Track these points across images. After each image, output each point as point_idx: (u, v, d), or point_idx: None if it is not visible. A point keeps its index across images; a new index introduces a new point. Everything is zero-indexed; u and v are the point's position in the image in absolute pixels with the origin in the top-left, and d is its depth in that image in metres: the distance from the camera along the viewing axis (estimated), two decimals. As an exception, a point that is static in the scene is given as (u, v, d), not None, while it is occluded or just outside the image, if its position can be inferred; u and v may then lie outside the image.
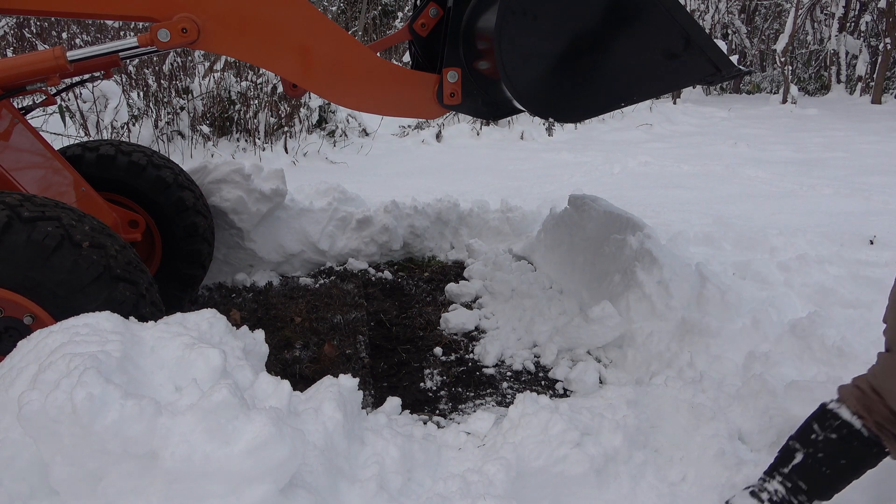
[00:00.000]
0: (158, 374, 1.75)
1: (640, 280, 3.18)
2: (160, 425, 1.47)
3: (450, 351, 3.26)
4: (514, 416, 2.24)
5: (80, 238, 2.09)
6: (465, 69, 2.73)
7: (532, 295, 3.66)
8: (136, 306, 2.16)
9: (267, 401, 1.79)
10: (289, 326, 3.41)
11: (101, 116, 6.85)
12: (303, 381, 2.80)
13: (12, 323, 2.07)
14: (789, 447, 1.86)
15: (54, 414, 1.46)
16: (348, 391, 2.08)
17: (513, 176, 7.01)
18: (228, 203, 3.77)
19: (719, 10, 14.80)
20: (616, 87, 2.54)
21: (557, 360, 3.12)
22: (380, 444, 2.01)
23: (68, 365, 1.56)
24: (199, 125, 7.41)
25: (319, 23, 2.56)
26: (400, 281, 4.11)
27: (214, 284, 3.93)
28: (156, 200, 3.23)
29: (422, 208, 4.51)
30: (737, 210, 5.54)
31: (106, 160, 3.18)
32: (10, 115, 2.74)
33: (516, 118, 9.54)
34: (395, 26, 13.65)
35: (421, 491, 1.97)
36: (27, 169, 2.72)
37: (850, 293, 3.57)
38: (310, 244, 4.14)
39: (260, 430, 1.49)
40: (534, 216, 4.78)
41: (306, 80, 2.62)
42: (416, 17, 3.06)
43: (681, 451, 2.25)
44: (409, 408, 2.73)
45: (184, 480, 1.46)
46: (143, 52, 2.64)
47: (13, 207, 2.06)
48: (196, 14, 2.38)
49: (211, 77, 7.64)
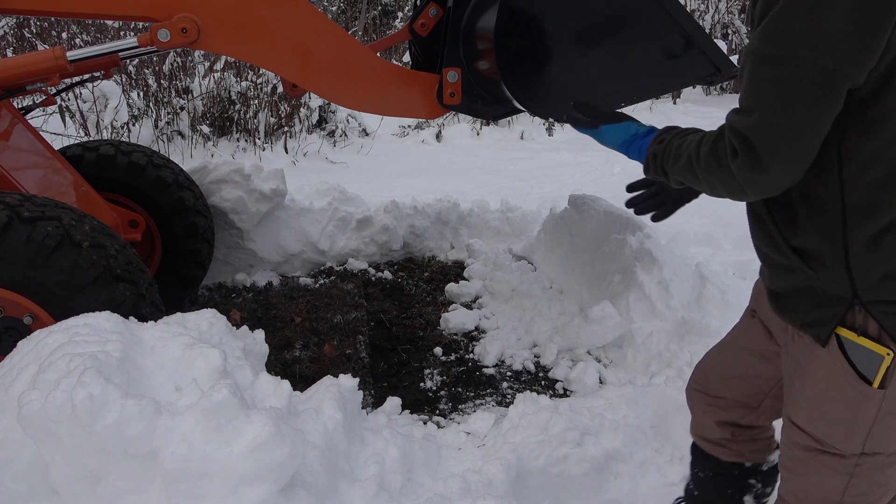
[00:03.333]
0: (158, 374, 1.75)
1: (640, 280, 3.18)
2: (160, 425, 1.47)
3: (450, 351, 3.26)
4: (514, 416, 2.24)
5: (80, 238, 2.09)
6: (465, 69, 2.73)
7: (532, 295, 3.66)
8: (136, 306, 2.16)
9: (267, 401, 1.79)
10: (289, 326, 3.41)
11: (101, 116, 6.84)
12: (303, 381, 2.80)
13: (12, 323, 2.07)
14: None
15: (54, 414, 1.46)
16: (348, 391, 2.08)
17: (513, 176, 7.01)
18: (228, 203, 3.77)
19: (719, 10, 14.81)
20: (616, 87, 2.54)
21: (557, 360, 3.12)
22: (380, 444, 2.01)
23: (68, 365, 1.56)
24: (199, 125, 7.41)
25: (319, 23, 2.56)
26: (400, 281, 4.11)
27: (214, 284, 3.93)
28: (156, 200, 3.23)
29: (422, 208, 4.51)
30: (737, 210, 5.51)
31: (106, 160, 3.18)
32: (10, 115, 2.74)
33: (516, 118, 9.53)
34: (395, 26, 13.65)
35: (421, 491, 1.97)
36: (27, 169, 2.73)
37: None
38: (310, 244, 4.14)
39: (260, 430, 1.49)
40: (534, 216, 4.78)
41: (306, 80, 2.62)
42: (416, 17, 3.06)
43: (681, 451, 2.25)
44: (409, 408, 2.73)
45: (184, 480, 1.46)
46: (143, 52, 2.64)
47: (13, 207, 2.06)
48: (196, 14, 2.38)
49: (211, 77, 7.64)
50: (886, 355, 1.16)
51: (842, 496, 1.31)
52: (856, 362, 1.20)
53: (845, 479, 1.29)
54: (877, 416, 1.21)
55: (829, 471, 1.30)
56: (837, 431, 1.27)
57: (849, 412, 1.24)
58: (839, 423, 1.26)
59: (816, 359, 1.27)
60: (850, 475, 1.28)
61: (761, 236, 1.31)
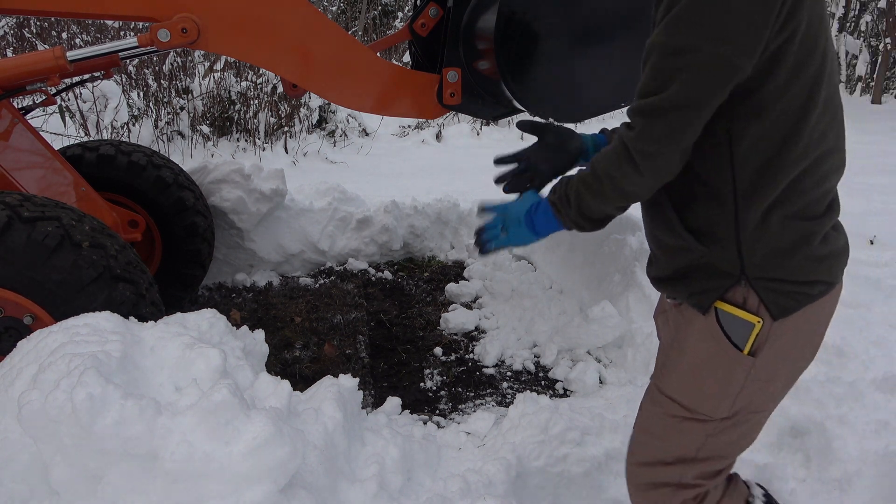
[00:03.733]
0: (158, 374, 1.75)
1: (639, 280, 3.18)
2: (160, 425, 1.47)
3: (450, 351, 3.26)
4: (514, 416, 2.24)
5: (80, 238, 2.09)
6: (465, 69, 2.73)
7: (532, 295, 3.66)
8: (136, 306, 2.16)
9: (267, 401, 1.79)
10: (289, 326, 3.41)
11: (101, 116, 6.84)
12: (303, 381, 2.80)
13: (12, 323, 2.07)
14: None
15: (54, 414, 1.46)
16: (348, 391, 2.08)
17: (513, 176, 7.00)
18: (228, 203, 3.77)
19: (719, 10, 14.88)
20: (616, 86, 2.54)
21: (557, 360, 3.12)
22: (380, 444, 2.01)
23: (68, 365, 1.56)
24: (199, 125, 7.41)
25: (319, 23, 2.56)
26: (400, 281, 4.11)
27: (214, 284, 3.93)
28: (156, 200, 3.23)
29: (422, 208, 4.51)
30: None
31: (106, 160, 3.18)
32: (10, 115, 2.74)
33: (516, 118, 9.54)
34: (395, 26, 13.65)
35: (421, 491, 1.97)
36: (27, 169, 2.73)
37: (850, 293, 3.56)
38: (310, 244, 4.14)
39: (260, 430, 1.49)
40: (534, 216, 4.78)
41: (306, 80, 2.62)
42: (416, 17, 3.06)
43: (681, 451, 2.25)
44: (409, 408, 2.73)
45: (184, 480, 1.46)
46: (143, 52, 2.64)
47: (13, 207, 2.06)
48: (196, 14, 2.38)
49: (211, 77, 7.64)
50: (757, 323, 1.28)
51: (696, 453, 1.43)
52: (728, 331, 1.31)
53: (703, 438, 1.41)
54: (745, 381, 1.33)
55: (692, 434, 1.42)
56: (709, 400, 1.37)
57: (720, 380, 1.34)
58: (711, 393, 1.37)
59: (694, 329, 1.37)
60: (708, 435, 1.41)
61: (658, 223, 1.40)
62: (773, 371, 1.34)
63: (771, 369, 1.34)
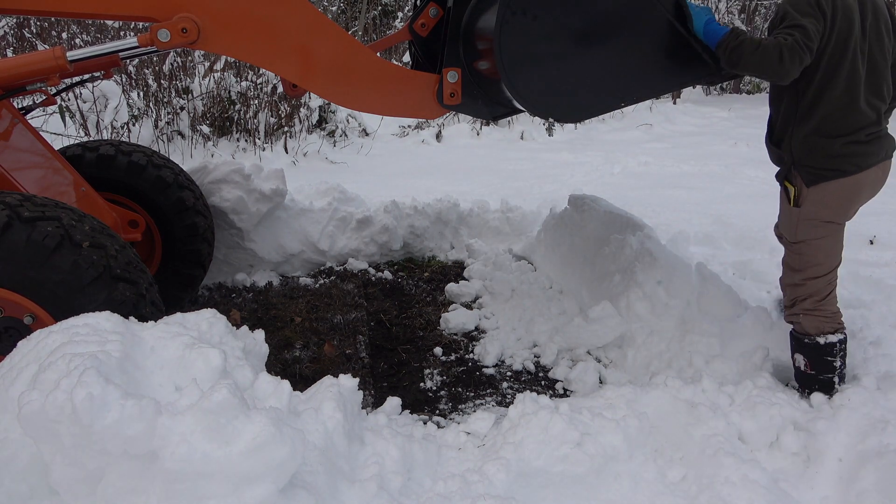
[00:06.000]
0: (158, 374, 1.75)
1: (639, 280, 3.18)
2: (160, 425, 1.47)
3: (450, 351, 3.26)
4: (514, 416, 2.24)
5: (80, 238, 2.09)
6: (465, 69, 2.73)
7: (532, 295, 3.66)
8: (136, 306, 2.16)
9: (267, 401, 1.79)
10: (289, 326, 3.41)
11: (101, 116, 6.84)
12: (303, 381, 2.80)
13: (12, 323, 2.07)
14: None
15: (54, 414, 1.46)
16: (348, 391, 2.09)
17: (513, 176, 7.01)
18: (228, 203, 3.77)
19: (719, 10, 14.82)
20: (616, 86, 2.54)
21: (557, 360, 3.12)
22: (380, 444, 2.01)
23: (68, 365, 1.56)
24: (199, 125, 7.41)
25: (319, 23, 2.56)
26: (400, 281, 4.11)
27: (214, 284, 3.93)
28: (156, 200, 3.23)
29: (422, 208, 4.51)
30: (737, 210, 5.53)
31: (106, 160, 3.18)
32: (10, 115, 2.74)
33: (516, 118, 9.54)
34: (395, 26, 13.65)
35: (421, 491, 1.97)
36: (27, 169, 2.73)
37: (850, 293, 3.57)
38: (310, 244, 4.15)
39: (260, 430, 1.49)
40: (534, 216, 4.78)
41: (306, 80, 2.62)
42: (416, 17, 3.06)
43: (681, 451, 2.25)
44: (409, 408, 2.73)
45: (184, 480, 1.46)
46: (143, 52, 2.64)
47: (13, 207, 2.06)
48: (196, 14, 2.38)
49: (211, 77, 7.64)
50: (792, 189, 2.50)
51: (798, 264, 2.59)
52: (788, 195, 2.54)
53: (796, 256, 2.58)
54: (798, 221, 2.51)
55: (789, 252, 2.64)
56: (787, 230, 2.59)
57: (788, 220, 2.57)
58: (786, 226, 2.59)
59: (781, 194, 2.61)
60: (795, 253, 2.59)
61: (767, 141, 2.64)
62: (814, 213, 2.45)
63: (812, 212, 2.46)
